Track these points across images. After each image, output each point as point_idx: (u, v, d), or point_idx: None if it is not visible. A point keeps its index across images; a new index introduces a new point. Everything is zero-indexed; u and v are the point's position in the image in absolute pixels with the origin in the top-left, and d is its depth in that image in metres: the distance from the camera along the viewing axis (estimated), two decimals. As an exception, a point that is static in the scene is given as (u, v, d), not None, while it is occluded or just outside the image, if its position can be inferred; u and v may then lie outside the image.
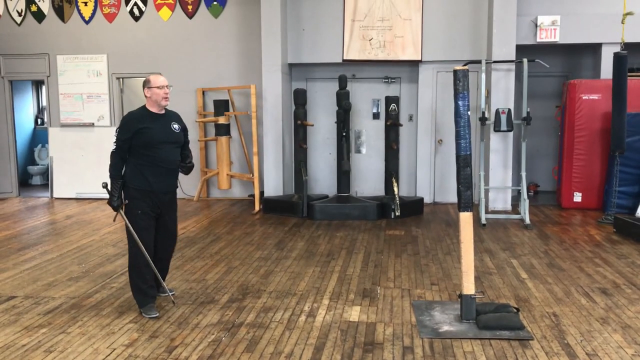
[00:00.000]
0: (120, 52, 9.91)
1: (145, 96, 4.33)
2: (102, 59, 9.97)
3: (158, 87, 4.27)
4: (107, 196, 4.33)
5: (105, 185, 4.41)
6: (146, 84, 4.31)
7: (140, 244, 4.26)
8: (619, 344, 3.75)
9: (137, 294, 4.39)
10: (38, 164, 12.07)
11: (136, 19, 9.85)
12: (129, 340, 3.88)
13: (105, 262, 5.88)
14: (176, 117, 4.51)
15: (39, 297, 4.79)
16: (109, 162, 4.25)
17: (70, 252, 6.30)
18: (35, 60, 10.13)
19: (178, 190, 4.68)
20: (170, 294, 4.58)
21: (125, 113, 10.01)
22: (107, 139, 9.96)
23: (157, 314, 4.30)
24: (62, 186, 10.13)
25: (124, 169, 4.30)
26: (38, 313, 4.42)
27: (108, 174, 4.27)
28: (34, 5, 10.00)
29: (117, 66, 9.97)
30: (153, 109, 4.35)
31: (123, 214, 4.29)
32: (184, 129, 4.52)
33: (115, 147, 4.26)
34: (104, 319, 4.28)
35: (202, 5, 9.68)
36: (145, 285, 4.35)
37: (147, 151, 4.24)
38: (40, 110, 12.47)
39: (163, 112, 4.40)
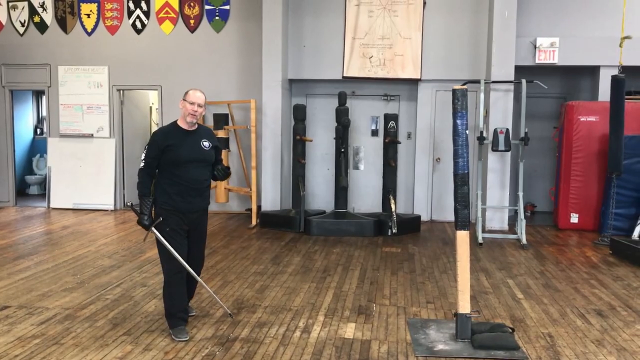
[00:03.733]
0: (122, 64, 9.97)
1: (180, 108, 4.19)
2: (103, 71, 10.02)
3: (189, 102, 4.11)
4: (102, 207, 4.30)
5: (131, 205, 4.26)
6: (184, 95, 4.17)
7: (178, 256, 4.14)
8: (614, 367, 3.75)
9: (167, 316, 4.24)
10: (36, 174, 12.07)
11: (138, 31, 9.92)
12: (122, 353, 3.86)
13: (101, 274, 5.85)
14: (207, 134, 4.32)
15: (32, 307, 4.77)
16: (137, 180, 4.13)
17: (66, 263, 6.28)
18: (37, 70, 10.18)
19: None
20: (190, 314, 4.52)
21: (124, 125, 10.18)
22: (106, 150, 10.04)
23: (187, 338, 4.10)
24: (59, 196, 10.11)
25: (152, 186, 4.17)
26: (32, 323, 4.40)
27: (137, 192, 4.14)
28: (37, 16, 10.07)
29: (118, 78, 10.02)
30: (182, 125, 4.18)
31: (156, 232, 4.12)
32: (215, 147, 4.31)
33: (143, 164, 4.11)
34: (97, 331, 4.25)
35: (204, 20, 9.75)
36: (174, 309, 4.18)
37: (174, 169, 4.08)
38: (39, 120, 12.49)
39: (194, 128, 4.20)
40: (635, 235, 7.60)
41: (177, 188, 4.11)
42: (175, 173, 4.09)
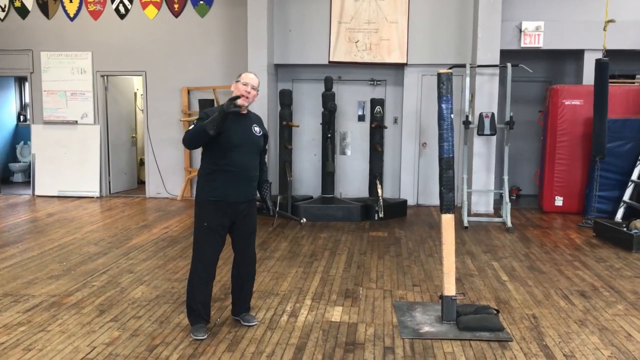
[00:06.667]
0: (105, 49, 9.85)
1: (232, 91, 3.96)
2: (87, 57, 9.90)
3: (242, 83, 3.86)
4: (87, 194, 4.19)
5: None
6: (237, 77, 3.94)
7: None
8: (596, 346, 3.81)
9: (188, 312, 4.03)
10: (20, 161, 11.95)
11: (122, 16, 9.79)
12: (109, 339, 3.86)
13: (87, 261, 5.83)
14: (258, 120, 4.09)
15: (18, 295, 4.74)
16: (187, 139, 3.81)
17: (52, 250, 6.25)
18: (19, 56, 10.03)
19: (161, 190, 4.51)
20: (251, 324, 4.15)
21: (109, 111, 10.09)
22: (90, 137, 9.95)
23: (204, 337, 3.90)
24: (44, 184, 10.03)
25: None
26: (17, 311, 4.38)
27: (185, 144, 3.87)
28: (17, 1, 9.90)
29: (101, 64, 9.90)
30: None
31: (232, 104, 3.70)
32: (265, 135, 4.08)
33: (191, 128, 3.82)
34: (84, 317, 4.25)
35: (189, 5, 9.65)
36: (194, 302, 3.96)
37: (222, 154, 3.81)
38: (22, 107, 12.34)
39: (245, 112, 3.97)
40: (618, 217, 7.71)
41: (225, 175, 3.85)
42: (223, 158, 3.82)
